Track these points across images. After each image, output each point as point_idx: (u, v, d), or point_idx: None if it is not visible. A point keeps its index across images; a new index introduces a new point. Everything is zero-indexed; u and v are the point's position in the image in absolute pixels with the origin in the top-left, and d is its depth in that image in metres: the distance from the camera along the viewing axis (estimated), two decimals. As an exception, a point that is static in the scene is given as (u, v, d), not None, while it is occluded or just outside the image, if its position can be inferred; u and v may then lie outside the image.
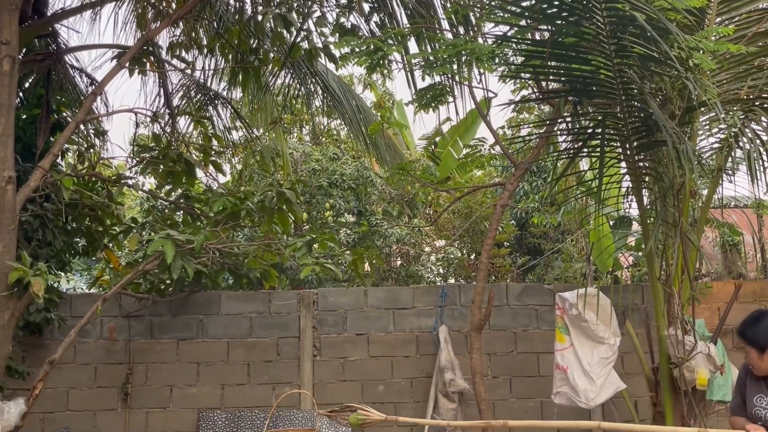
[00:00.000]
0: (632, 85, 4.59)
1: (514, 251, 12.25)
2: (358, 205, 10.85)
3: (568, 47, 4.76)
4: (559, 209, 9.66)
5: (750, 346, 3.29)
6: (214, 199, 5.87)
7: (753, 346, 3.28)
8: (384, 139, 8.91)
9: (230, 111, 8.44)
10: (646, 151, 5.01)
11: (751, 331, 3.29)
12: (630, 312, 6.50)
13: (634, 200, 5.39)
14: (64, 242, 6.36)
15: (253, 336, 6.85)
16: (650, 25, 4.11)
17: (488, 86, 5.81)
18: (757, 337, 3.26)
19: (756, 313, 3.43)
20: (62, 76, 6.94)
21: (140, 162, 6.01)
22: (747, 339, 3.29)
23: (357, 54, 5.12)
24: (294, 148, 11.07)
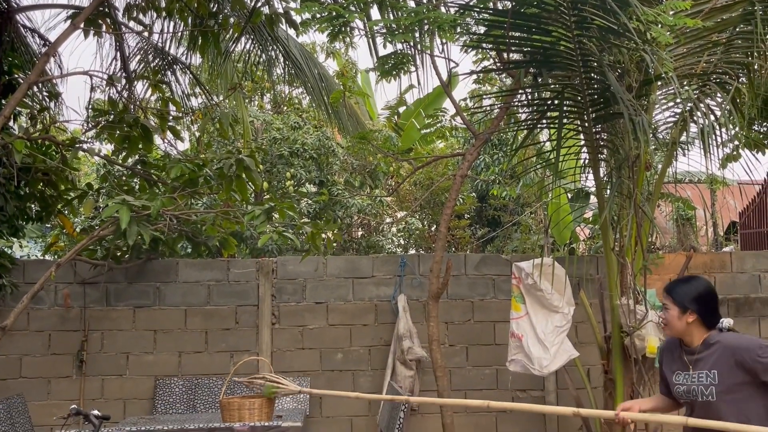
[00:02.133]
0: (591, 56, 4.63)
1: (474, 223, 12.38)
2: (319, 175, 10.81)
3: (530, 17, 4.77)
4: (519, 181, 9.76)
5: (673, 303, 3.13)
6: (171, 165, 5.78)
7: (676, 304, 3.12)
8: (346, 109, 8.86)
9: (189, 77, 8.29)
10: (603, 122, 5.07)
11: (681, 289, 3.15)
12: (584, 282, 6.63)
13: (591, 173, 5.46)
14: (17, 207, 6.21)
15: (212, 304, 6.82)
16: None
17: (450, 57, 5.80)
18: (684, 297, 3.11)
19: (688, 276, 3.34)
20: (14, 36, 6.71)
21: (96, 126, 5.88)
22: (673, 296, 3.14)
23: (318, 20, 5.07)
24: (255, 117, 10.95)
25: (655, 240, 9.42)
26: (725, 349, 3.01)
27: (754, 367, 2.92)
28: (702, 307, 3.10)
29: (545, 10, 4.64)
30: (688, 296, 3.11)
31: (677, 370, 3.19)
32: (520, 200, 11.72)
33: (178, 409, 6.52)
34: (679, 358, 3.19)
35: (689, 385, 3.10)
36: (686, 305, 3.10)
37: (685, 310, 3.10)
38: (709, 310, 3.12)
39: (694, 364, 3.10)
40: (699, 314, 3.09)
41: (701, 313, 3.10)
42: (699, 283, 3.19)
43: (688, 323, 3.10)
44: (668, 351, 3.29)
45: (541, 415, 6.84)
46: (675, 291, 3.16)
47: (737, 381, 2.97)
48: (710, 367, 3.03)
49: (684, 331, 3.14)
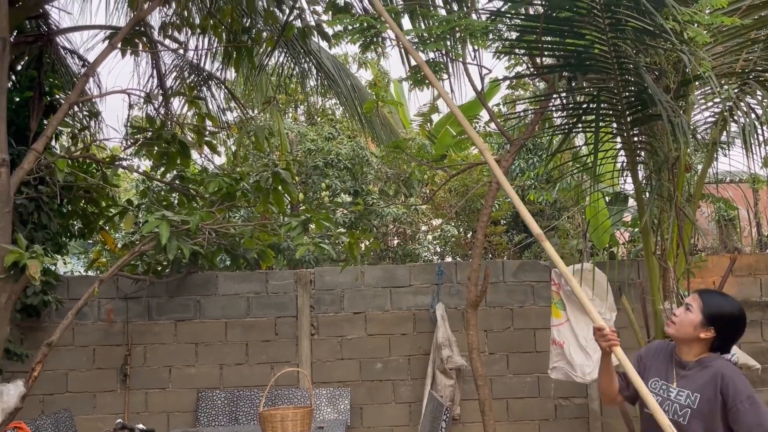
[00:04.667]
0: (627, 59, 4.57)
1: (510, 229, 12.27)
2: (354, 185, 10.85)
3: (562, 22, 4.73)
4: (555, 186, 9.66)
5: (700, 310, 2.82)
6: (209, 180, 5.86)
7: (702, 313, 2.81)
8: (379, 118, 8.88)
9: (224, 91, 8.40)
10: (641, 125, 5.00)
11: (716, 301, 2.85)
12: (626, 287, 6.53)
13: (630, 176, 5.38)
14: (60, 225, 6.36)
15: (251, 316, 6.87)
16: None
17: (483, 63, 5.78)
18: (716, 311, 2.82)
19: (727, 295, 2.97)
20: (54, 58, 6.88)
21: (135, 143, 5.99)
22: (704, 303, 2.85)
23: (350, 32, 5.09)
24: (289, 129, 11.04)
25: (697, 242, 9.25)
26: (716, 376, 2.77)
27: (732, 408, 2.70)
28: (725, 332, 2.85)
29: (578, 13, 4.60)
30: (720, 312, 2.84)
31: (657, 377, 2.95)
32: (557, 204, 11.60)
33: (221, 421, 6.57)
34: (667, 365, 2.96)
35: (665, 398, 2.87)
36: (712, 320, 2.83)
37: (708, 323, 2.83)
38: (728, 337, 2.87)
39: (679, 380, 2.88)
40: (717, 335, 2.84)
41: (720, 335, 2.85)
42: (736, 306, 2.89)
43: (700, 337, 2.85)
44: (657, 353, 3.04)
45: (584, 421, 6.74)
46: (709, 299, 2.88)
47: (713, 410, 2.75)
48: (695, 389, 2.80)
49: (689, 341, 2.89)
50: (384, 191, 11.44)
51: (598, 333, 2.92)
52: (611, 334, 2.89)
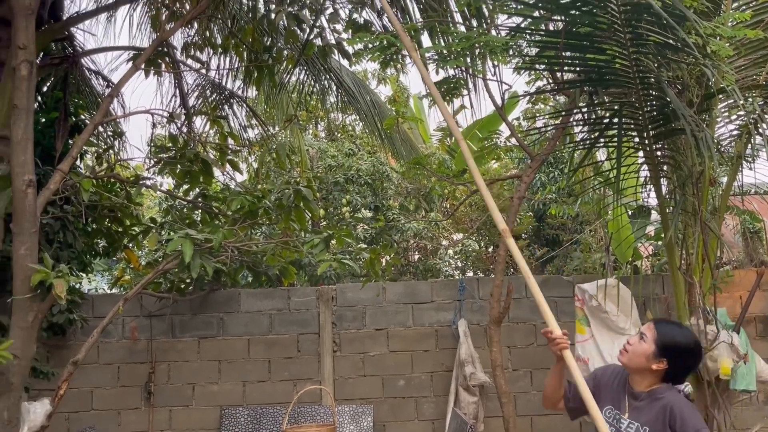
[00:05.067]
0: (649, 73, 4.55)
1: (532, 243, 12.21)
2: (374, 200, 10.87)
3: (583, 37, 4.72)
4: (577, 200, 9.61)
5: (653, 341, 2.80)
6: (232, 198, 5.90)
7: (655, 343, 2.80)
8: (399, 134, 8.91)
9: (246, 109, 8.48)
10: (664, 139, 4.97)
11: (670, 332, 2.82)
12: (651, 302, 6.45)
13: (653, 189, 5.34)
14: (85, 243, 6.43)
15: (273, 333, 6.89)
16: (666, 12, 4.07)
17: (503, 78, 5.78)
18: (669, 342, 2.78)
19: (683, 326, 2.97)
20: (79, 79, 7.00)
21: (158, 162, 6.05)
22: (658, 333, 2.81)
23: (370, 50, 5.12)
24: (309, 145, 11.10)
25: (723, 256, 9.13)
26: (665, 408, 2.75)
27: None
28: (678, 363, 2.81)
29: (598, 28, 4.59)
30: (673, 344, 2.80)
31: (611, 405, 2.91)
32: (578, 218, 11.53)
33: (244, 438, 6.58)
34: (620, 394, 2.92)
35: (617, 428, 2.85)
36: (665, 351, 2.79)
37: (661, 354, 2.80)
38: (681, 369, 2.84)
39: (631, 410, 2.84)
40: (670, 366, 2.81)
41: (673, 367, 2.81)
42: (690, 338, 2.87)
43: (652, 368, 2.82)
44: (613, 378, 2.99)
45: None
46: (663, 330, 2.84)
47: None
48: (644, 422, 2.77)
49: (642, 371, 2.86)
50: (404, 206, 11.44)
51: (549, 337, 2.95)
52: (561, 338, 2.91)
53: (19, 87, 5.06)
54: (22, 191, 4.98)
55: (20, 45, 5.06)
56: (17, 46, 5.08)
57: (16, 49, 5.11)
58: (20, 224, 4.99)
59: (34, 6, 5.19)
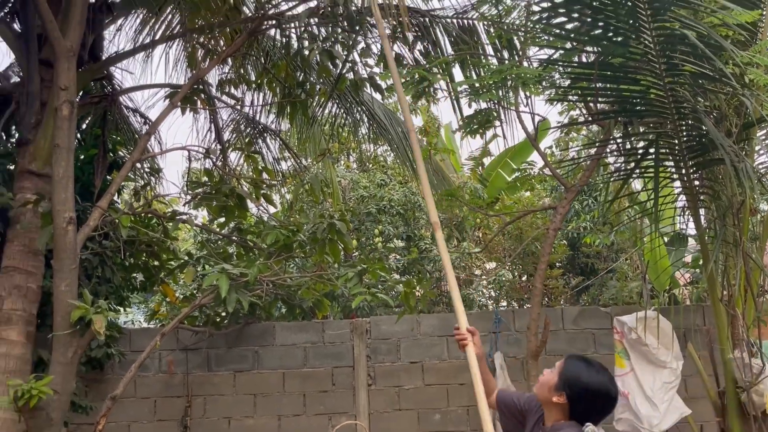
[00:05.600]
0: (685, 103, 4.50)
1: (566, 272, 12.06)
2: (406, 230, 10.86)
3: (616, 68, 4.71)
4: (613, 229, 9.49)
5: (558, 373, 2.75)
6: (267, 232, 5.94)
7: (559, 376, 2.74)
8: (431, 164, 8.92)
9: (279, 142, 8.57)
10: (702, 169, 4.89)
11: (576, 368, 2.74)
12: (692, 333, 6.32)
13: (691, 219, 5.26)
14: (123, 278, 6.52)
15: (308, 366, 6.87)
16: (702, 42, 4.04)
17: (535, 108, 5.78)
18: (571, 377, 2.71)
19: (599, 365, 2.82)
20: (117, 116, 7.15)
21: (194, 197, 6.13)
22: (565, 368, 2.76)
23: (403, 84, 5.16)
24: (342, 176, 11.17)
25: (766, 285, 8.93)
26: None
27: None
28: (577, 402, 2.72)
29: (632, 59, 4.58)
30: (575, 379, 2.72)
31: None
32: (614, 246, 11.38)
33: (279, 473, 6.54)
34: (536, 425, 2.89)
35: None
36: (565, 385, 2.71)
37: (561, 388, 2.72)
38: (583, 409, 2.73)
39: None
40: (570, 403, 2.72)
41: (573, 404, 2.72)
42: (597, 380, 2.73)
43: (553, 401, 2.75)
44: (538, 406, 2.92)
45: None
46: (570, 365, 2.77)
47: None
48: None
49: (547, 404, 2.80)
50: (437, 236, 11.40)
51: (455, 331, 3.14)
52: (461, 334, 3.09)
53: (61, 126, 5.19)
54: (62, 228, 5.08)
55: (62, 86, 5.19)
56: (59, 87, 5.22)
57: (57, 90, 5.26)
58: (61, 261, 5.09)
59: (76, 48, 5.34)
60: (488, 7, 6.07)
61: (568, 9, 4.78)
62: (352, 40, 6.34)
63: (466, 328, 3.09)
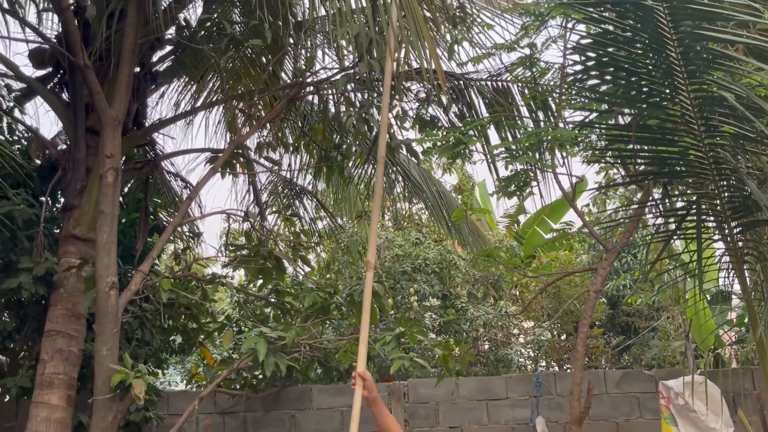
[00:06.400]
0: (726, 164, 4.45)
1: (606, 331, 11.83)
2: (442, 289, 10.78)
3: (653, 129, 4.70)
4: (654, 288, 9.32)
5: None
6: (304, 295, 5.96)
7: None
8: (466, 224, 8.90)
9: (315, 202, 8.66)
10: (747, 230, 4.80)
11: None
12: (741, 398, 6.10)
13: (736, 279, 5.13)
14: (162, 341, 6.55)
15: (345, 430, 6.76)
16: (741, 104, 4.02)
17: (572, 167, 5.77)
18: None
19: None
20: (159, 180, 7.31)
21: (233, 260, 6.20)
22: None
23: (439, 149, 5.21)
24: (377, 236, 11.19)
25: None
26: None
27: None
28: None
29: (670, 120, 4.56)
30: None
31: None
32: (654, 304, 11.15)
33: None
34: None
35: None
36: None
37: None
38: None
39: None
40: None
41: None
42: None
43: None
44: None
45: None
46: None
47: None
48: None
49: None
50: (473, 294, 11.29)
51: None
52: (353, 377, 3.35)
53: (105, 193, 5.34)
54: (105, 293, 5.17)
55: (107, 154, 5.36)
56: (104, 154, 5.39)
57: (103, 158, 5.42)
58: (102, 325, 5.16)
59: (121, 117, 5.52)
60: (522, 69, 6.14)
61: (600, 71, 4.81)
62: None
63: (358, 373, 3.37)
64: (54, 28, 6.57)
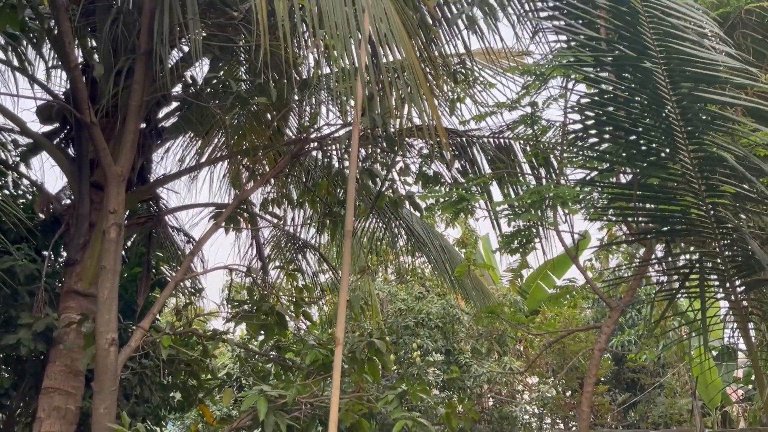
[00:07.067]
0: (728, 223, 4.47)
1: (612, 388, 11.66)
2: (445, 344, 10.70)
3: (655, 188, 4.72)
4: (658, 344, 9.23)
5: None
6: (306, 352, 5.89)
7: None
8: (470, 278, 8.88)
9: (318, 256, 8.65)
10: (750, 289, 4.79)
11: None
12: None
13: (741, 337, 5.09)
14: (161, 398, 6.46)
15: (346, 491, 6.61)
16: (741, 164, 4.05)
17: (574, 224, 5.79)
18: None
19: None
20: (162, 235, 7.32)
21: (234, 316, 6.15)
22: None
23: (442, 205, 5.23)
24: (380, 289, 11.15)
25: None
26: None
27: None
28: None
29: (671, 179, 4.59)
30: None
31: None
32: (660, 360, 11.02)
33: None
34: None
35: None
36: None
37: None
38: None
39: None
40: None
41: None
42: None
43: None
44: None
45: None
46: None
47: None
48: None
49: None
50: (476, 350, 11.19)
51: None
52: None
53: (108, 249, 5.33)
54: (104, 350, 5.12)
55: (111, 210, 5.37)
56: (108, 210, 5.40)
57: (106, 213, 5.43)
58: (101, 382, 5.09)
59: (126, 173, 5.56)
60: (524, 127, 6.21)
61: (599, 130, 4.87)
62: (390, 160, 6.49)
63: None
64: (62, 84, 6.69)
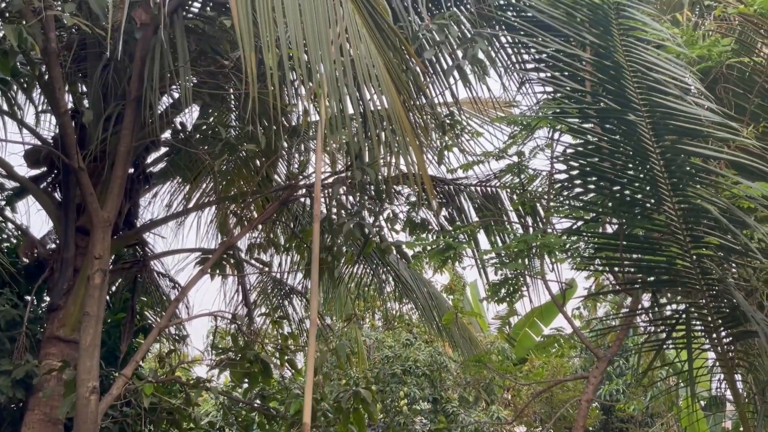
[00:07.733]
0: (713, 274, 4.48)
1: (601, 437, 11.55)
2: (433, 392, 10.59)
3: (640, 239, 4.76)
4: (646, 394, 9.18)
5: None
6: (290, 401, 5.81)
7: None
8: (457, 326, 8.84)
9: (305, 303, 8.59)
10: (736, 341, 4.78)
11: None
12: None
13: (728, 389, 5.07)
14: (142, 447, 6.32)
15: None
16: (724, 216, 4.08)
17: (561, 273, 5.81)
18: None
19: None
20: (147, 280, 7.26)
21: (219, 363, 6.08)
22: None
23: (429, 254, 5.24)
24: (366, 336, 11.07)
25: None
26: None
27: None
28: None
29: (655, 230, 4.62)
30: None
31: None
32: (648, 409, 10.94)
33: None
34: None
35: None
36: None
37: None
38: None
39: None
40: None
41: None
42: None
43: None
44: None
45: None
46: None
47: None
48: None
49: None
50: (464, 398, 11.08)
51: None
52: None
53: (92, 295, 5.27)
54: (85, 398, 5.02)
55: (96, 255, 5.33)
56: (93, 255, 5.35)
57: (91, 258, 5.38)
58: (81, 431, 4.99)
59: (112, 218, 5.52)
60: (510, 176, 6.26)
61: (584, 180, 4.91)
62: (378, 207, 6.50)
63: None
64: (51, 129, 6.69)
